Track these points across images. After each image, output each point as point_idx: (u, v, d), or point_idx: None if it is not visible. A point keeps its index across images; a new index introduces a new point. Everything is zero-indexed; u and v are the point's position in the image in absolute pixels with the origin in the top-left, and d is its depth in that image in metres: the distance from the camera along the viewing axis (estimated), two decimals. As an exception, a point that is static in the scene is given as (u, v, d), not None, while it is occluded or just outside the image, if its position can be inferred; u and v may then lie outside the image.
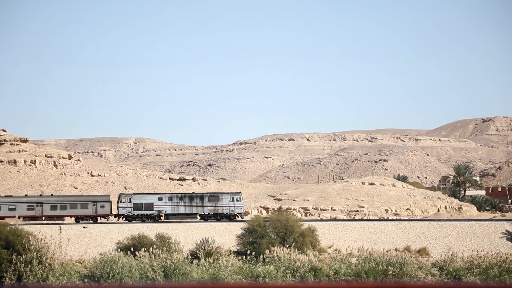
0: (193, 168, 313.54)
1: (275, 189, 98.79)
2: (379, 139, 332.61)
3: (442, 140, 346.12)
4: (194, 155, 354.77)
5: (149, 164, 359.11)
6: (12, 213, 75.20)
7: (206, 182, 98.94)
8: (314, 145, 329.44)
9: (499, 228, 73.87)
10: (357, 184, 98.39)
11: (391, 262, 64.59)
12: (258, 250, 64.97)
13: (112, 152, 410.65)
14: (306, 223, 69.72)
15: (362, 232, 73.00)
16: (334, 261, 64.91)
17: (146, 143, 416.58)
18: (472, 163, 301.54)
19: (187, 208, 77.93)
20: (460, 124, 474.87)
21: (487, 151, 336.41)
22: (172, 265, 60.75)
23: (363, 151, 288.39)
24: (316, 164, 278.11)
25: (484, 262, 65.78)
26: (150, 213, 77.16)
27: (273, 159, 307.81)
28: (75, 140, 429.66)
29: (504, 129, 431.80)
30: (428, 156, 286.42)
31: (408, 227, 73.76)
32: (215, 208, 78.23)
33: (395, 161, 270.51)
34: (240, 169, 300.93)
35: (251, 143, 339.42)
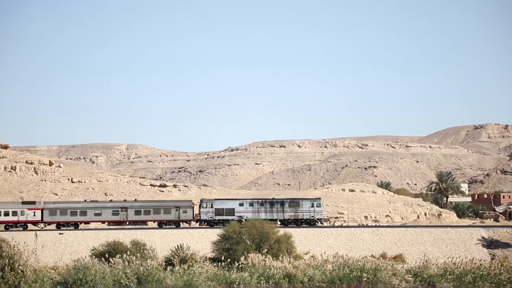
0: (183, 175, 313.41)
1: (256, 196, 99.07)
2: (370, 145, 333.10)
3: (432, 147, 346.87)
4: (186, 161, 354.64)
5: (141, 170, 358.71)
6: (97, 218, 76.83)
7: (187, 188, 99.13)
8: (305, 151, 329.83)
9: (475, 234, 74.27)
10: (337, 191, 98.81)
11: (365, 268, 65.00)
12: (233, 257, 65.23)
13: (104, 158, 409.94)
14: (282, 230, 69.95)
15: (339, 238, 73.27)
16: (308, 268, 65.23)
17: (138, 149, 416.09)
18: (462, 170, 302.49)
19: (267, 214, 78.93)
20: (452, 131, 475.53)
21: (477, 158, 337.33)
22: (146, 271, 60.93)
23: (353, 158, 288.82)
24: (306, 170, 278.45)
25: (458, 269, 66.22)
26: (231, 218, 78.12)
27: (264, 166, 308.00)
28: (67, 146, 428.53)
29: (496, 136, 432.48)
30: (418, 163, 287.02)
31: (385, 234, 74.08)
32: (295, 214, 79.22)
33: (385, 168, 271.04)
34: (230, 176, 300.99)
35: (242, 149, 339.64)
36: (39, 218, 74.91)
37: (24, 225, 74.92)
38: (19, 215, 74.41)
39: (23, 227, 74.57)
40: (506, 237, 74.03)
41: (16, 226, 74.19)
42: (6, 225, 74.54)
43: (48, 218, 75.19)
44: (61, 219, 75.44)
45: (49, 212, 75.31)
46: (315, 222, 79.42)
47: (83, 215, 75.89)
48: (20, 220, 74.35)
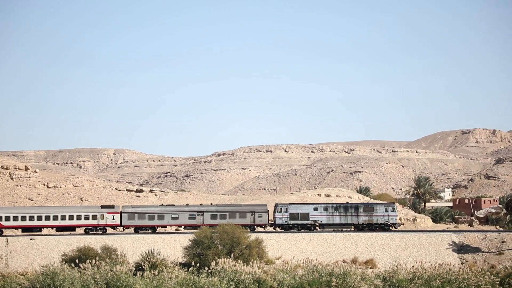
0: (170, 179, 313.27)
1: (233, 201, 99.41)
2: (357, 150, 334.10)
3: (419, 151, 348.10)
4: (173, 166, 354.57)
5: (127, 175, 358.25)
6: (174, 222, 78.13)
7: (164, 193, 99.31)
8: (291, 156, 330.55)
9: (446, 239, 74.93)
10: (313, 196, 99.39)
11: (334, 273, 65.38)
12: (204, 262, 65.49)
13: (91, 163, 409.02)
14: (254, 235, 70.28)
15: (311, 243, 73.73)
16: (278, 273, 65.57)
17: (126, 154, 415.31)
18: (447, 175, 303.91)
19: (342, 218, 79.40)
20: (440, 136, 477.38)
21: (463, 162, 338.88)
22: (115, 277, 60.98)
23: (339, 163, 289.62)
24: (292, 175, 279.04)
25: (427, 273, 66.71)
26: (306, 223, 78.81)
27: (250, 171, 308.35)
28: (54, 151, 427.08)
29: (484, 141, 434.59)
30: (403, 168, 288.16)
31: (356, 239, 74.58)
32: (369, 219, 79.57)
33: (370, 173, 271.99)
34: (217, 180, 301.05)
35: (229, 154, 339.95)
36: (118, 222, 76.56)
37: (104, 228, 76.45)
38: (99, 219, 76.05)
39: (102, 230, 76.06)
40: (476, 242, 74.71)
41: (95, 230, 75.90)
42: (86, 228, 76.23)
43: (127, 222, 76.82)
44: (139, 223, 76.93)
45: (127, 216, 76.92)
46: (390, 227, 79.26)
47: (160, 219, 77.35)
48: (99, 224, 76.08)
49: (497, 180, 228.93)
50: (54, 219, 75.12)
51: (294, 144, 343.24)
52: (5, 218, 74.49)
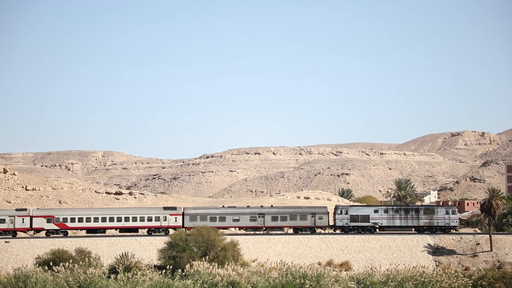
0: (157, 182, 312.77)
1: (213, 203, 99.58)
2: (345, 153, 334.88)
3: (407, 154, 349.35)
4: (161, 168, 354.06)
5: (115, 177, 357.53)
6: (236, 223, 78.92)
7: (143, 196, 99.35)
8: (279, 158, 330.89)
9: (421, 242, 75.34)
10: (293, 198, 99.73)
11: (308, 275, 65.60)
12: (179, 265, 65.58)
13: (80, 165, 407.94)
14: (229, 237, 70.43)
15: (287, 246, 73.95)
16: (253, 275, 65.70)
17: (114, 156, 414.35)
18: (434, 177, 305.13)
19: (402, 221, 79.52)
20: (429, 138, 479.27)
21: (450, 165, 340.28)
22: (88, 280, 60.94)
23: (326, 165, 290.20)
24: (280, 177, 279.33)
25: (400, 276, 67.04)
26: (366, 225, 79.05)
27: (238, 173, 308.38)
28: (43, 153, 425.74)
29: (472, 143, 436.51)
30: (390, 170, 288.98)
31: (332, 241, 74.88)
32: (430, 221, 79.58)
33: (357, 175, 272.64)
34: (205, 183, 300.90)
35: (218, 156, 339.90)
36: (180, 224, 77.67)
37: (166, 230, 77.44)
38: (161, 221, 77.35)
39: (165, 232, 77.09)
40: (451, 244, 75.16)
41: (158, 231, 76.97)
42: (149, 230, 77.25)
43: (189, 223, 77.67)
44: (201, 224, 77.07)
45: (189, 217, 77.93)
46: (450, 230, 79.12)
47: (222, 221, 78.22)
48: (162, 225, 77.39)
49: (483, 183, 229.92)
50: (118, 220, 76.68)
51: (282, 146, 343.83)
52: (71, 220, 75.91)
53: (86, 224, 75.93)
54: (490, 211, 72.96)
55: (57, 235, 75.11)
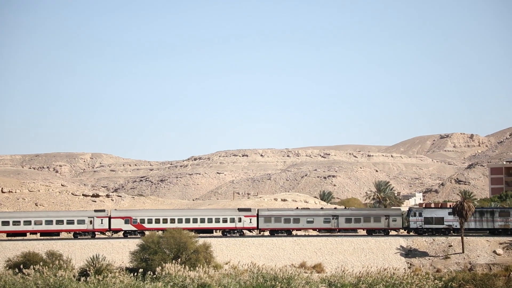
0: (145, 184, 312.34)
1: (190, 205, 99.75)
2: (332, 155, 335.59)
3: (394, 156, 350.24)
4: (149, 170, 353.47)
5: (103, 179, 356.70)
6: (309, 225, 79.17)
7: (120, 198, 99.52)
8: (267, 161, 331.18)
9: (394, 244, 75.72)
10: (270, 200, 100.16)
11: (279, 277, 65.91)
12: (151, 267, 65.74)
13: (68, 167, 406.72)
14: (202, 240, 70.56)
15: (260, 248, 74.18)
16: (224, 277, 65.94)
17: (103, 158, 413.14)
18: (421, 179, 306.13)
19: (477, 223, 79.29)
20: (418, 140, 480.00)
21: (438, 167, 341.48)
22: (57, 282, 60.99)
23: (313, 167, 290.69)
24: (266, 180, 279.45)
25: (371, 278, 67.42)
26: (441, 227, 78.93)
27: (225, 175, 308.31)
28: (31, 155, 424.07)
29: (461, 145, 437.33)
30: (377, 172, 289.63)
31: (306, 243, 75.14)
32: (505, 223, 79.30)
33: (344, 177, 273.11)
34: (192, 185, 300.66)
35: (205, 158, 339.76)
36: (255, 225, 78.16)
37: (241, 231, 78.14)
38: (236, 222, 77.89)
39: (239, 233, 77.86)
40: (424, 246, 75.55)
41: (233, 233, 77.77)
42: (224, 231, 78.06)
43: (263, 225, 78.34)
44: (275, 226, 78.27)
45: (264, 219, 78.36)
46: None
47: (296, 223, 78.60)
48: (237, 227, 78.03)
49: (468, 185, 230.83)
50: (193, 221, 77.70)
51: (270, 148, 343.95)
52: (148, 221, 77.32)
53: (162, 225, 76.88)
54: (462, 213, 73.38)
55: (134, 236, 76.07)
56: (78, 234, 76.11)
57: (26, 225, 75.47)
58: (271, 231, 78.54)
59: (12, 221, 75.39)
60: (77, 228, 75.92)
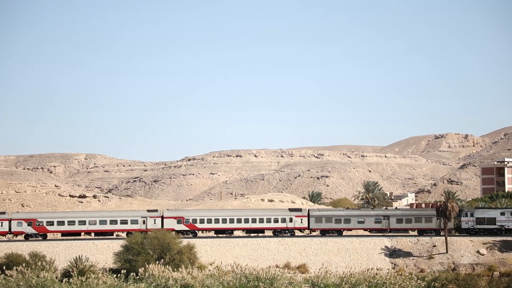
0: (138, 185, 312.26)
1: (177, 206, 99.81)
2: (326, 155, 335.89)
3: (388, 156, 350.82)
4: (143, 171, 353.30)
5: (97, 180, 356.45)
6: (360, 225, 79.80)
7: (107, 199, 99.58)
8: (261, 161, 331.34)
9: (379, 244, 75.97)
10: (256, 201, 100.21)
11: (261, 278, 66.07)
12: (134, 268, 65.82)
13: (62, 168, 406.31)
14: (186, 241, 70.66)
15: (245, 248, 74.35)
16: (207, 278, 66.07)
17: (97, 159, 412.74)
18: (414, 179, 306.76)
19: None
20: (413, 140, 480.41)
21: (431, 167, 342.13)
22: (40, 283, 61.02)
23: (306, 168, 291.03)
24: (260, 180, 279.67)
25: (354, 278, 67.61)
26: (493, 227, 78.96)
27: (219, 175, 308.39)
28: (25, 156, 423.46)
29: (456, 145, 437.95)
30: (370, 173, 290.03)
31: (290, 244, 75.33)
32: None
33: (337, 178, 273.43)
34: (185, 185, 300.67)
35: (199, 159, 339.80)
36: (306, 225, 78.72)
37: (292, 231, 78.48)
38: (287, 222, 78.37)
39: (290, 233, 78.21)
40: (408, 246, 75.82)
41: (284, 233, 78.13)
42: (275, 231, 78.63)
43: (314, 225, 79.00)
44: (326, 226, 78.86)
45: (315, 219, 78.94)
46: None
47: (347, 223, 79.20)
48: (288, 227, 78.52)
49: (460, 185, 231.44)
50: (245, 222, 78.46)
51: (263, 149, 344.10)
52: (200, 221, 78.25)
53: (214, 225, 77.92)
54: (445, 213, 73.66)
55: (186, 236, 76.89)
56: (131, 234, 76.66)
57: (81, 225, 76.91)
58: (321, 231, 79.19)
59: (67, 221, 76.57)
60: (131, 228, 77.07)
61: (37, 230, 75.90)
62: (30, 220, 76.13)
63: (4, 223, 75.38)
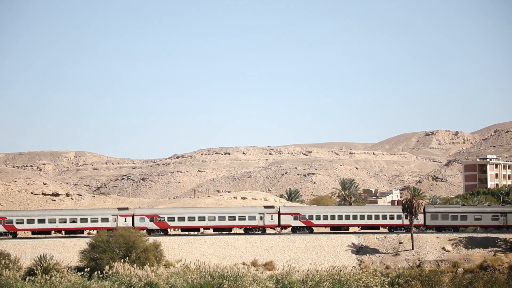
0: (126, 182, 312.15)
1: (151, 204, 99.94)
2: (314, 153, 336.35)
3: (376, 153, 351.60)
4: (132, 168, 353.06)
5: (86, 178, 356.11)
6: (477, 222, 79.90)
7: (81, 197, 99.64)
8: (249, 158, 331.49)
9: (346, 241, 76.38)
10: (229, 198, 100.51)
11: (226, 276, 66.45)
12: (99, 266, 66.07)
13: (52, 166, 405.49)
14: (152, 239, 70.91)
15: (212, 246, 74.63)
16: (171, 276, 66.38)
17: (87, 156, 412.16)
18: (401, 176, 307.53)
19: None
20: (403, 137, 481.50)
21: (419, 164, 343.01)
22: (2, 281, 61.19)
23: (293, 165, 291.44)
24: (247, 177, 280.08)
25: (319, 275, 68.04)
26: None
27: (207, 173, 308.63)
28: (14, 154, 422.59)
29: (446, 142, 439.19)
30: (357, 170, 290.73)
31: (258, 241, 75.68)
32: None
33: (324, 175, 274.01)
34: (173, 183, 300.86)
35: (188, 156, 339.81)
36: (422, 222, 79.20)
37: (407, 228, 78.40)
38: (403, 219, 78.87)
39: (406, 229, 78.47)
40: (375, 243, 76.27)
41: (400, 229, 79.42)
42: (390, 227, 79.80)
43: (430, 222, 79.56)
44: (442, 223, 79.20)
45: (431, 216, 79.57)
46: None
47: (463, 220, 79.49)
48: (403, 223, 79.20)
49: (445, 182, 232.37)
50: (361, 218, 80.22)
51: (252, 146, 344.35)
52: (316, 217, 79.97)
53: (330, 221, 79.71)
54: (411, 210, 74.14)
55: (303, 232, 78.54)
56: (249, 230, 78.53)
57: (200, 221, 79.12)
58: (437, 228, 79.49)
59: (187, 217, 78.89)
60: (249, 224, 78.75)
61: (7, 229, 76.33)
62: None
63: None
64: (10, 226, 76.40)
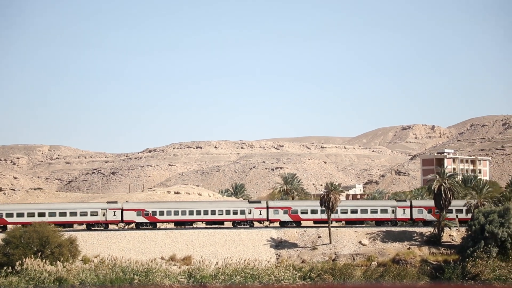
0: (96, 176, 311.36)
1: (84, 198, 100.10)
2: (286, 147, 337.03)
3: (347, 148, 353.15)
4: (104, 162, 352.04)
5: (58, 172, 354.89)
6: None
7: (13, 192, 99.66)
8: (221, 152, 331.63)
9: (266, 235, 77.10)
10: (162, 193, 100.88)
11: (138, 271, 67.02)
12: (12, 262, 66.27)
13: (26, 159, 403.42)
14: (67, 234, 71.13)
15: (131, 241, 75.01)
16: (82, 271, 66.77)
17: (61, 150, 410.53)
18: (370, 171, 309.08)
19: None
20: (380, 131, 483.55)
21: (390, 159, 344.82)
22: None
23: (262, 159, 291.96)
24: (215, 172, 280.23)
25: (231, 269, 68.81)
26: None
27: (177, 167, 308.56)
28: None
29: (423, 136, 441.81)
30: (325, 164, 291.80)
31: (178, 236, 76.18)
32: None
33: (292, 169, 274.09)
34: (143, 177, 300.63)
35: (160, 150, 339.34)
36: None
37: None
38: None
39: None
40: (294, 238, 77.00)
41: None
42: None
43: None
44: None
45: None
46: None
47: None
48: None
49: (407, 176, 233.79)
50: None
51: (224, 140, 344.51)
52: None
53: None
54: (328, 204, 74.83)
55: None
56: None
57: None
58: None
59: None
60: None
61: None
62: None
63: None
64: None
